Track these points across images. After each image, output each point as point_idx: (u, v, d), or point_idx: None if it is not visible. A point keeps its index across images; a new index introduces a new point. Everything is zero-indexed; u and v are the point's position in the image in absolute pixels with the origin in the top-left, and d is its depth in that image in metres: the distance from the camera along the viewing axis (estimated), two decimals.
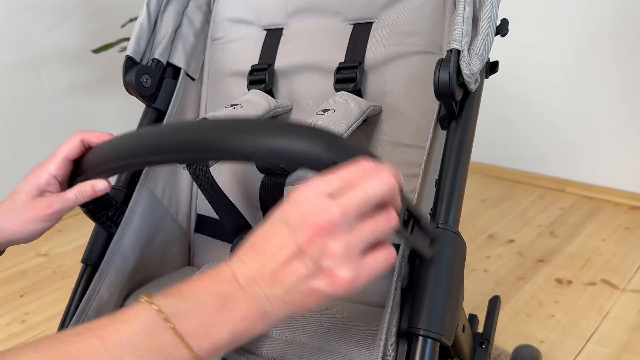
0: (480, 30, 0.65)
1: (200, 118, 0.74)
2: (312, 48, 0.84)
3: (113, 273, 0.78)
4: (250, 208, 0.85)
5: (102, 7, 2.06)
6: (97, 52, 1.73)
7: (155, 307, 0.43)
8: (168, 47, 0.88)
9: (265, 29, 0.89)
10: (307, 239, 0.43)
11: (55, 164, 0.67)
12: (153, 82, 0.86)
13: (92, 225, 0.82)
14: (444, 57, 0.65)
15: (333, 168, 0.45)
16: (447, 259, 0.61)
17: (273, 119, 0.87)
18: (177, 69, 0.90)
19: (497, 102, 2.18)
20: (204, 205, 0.91)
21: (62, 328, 0.77)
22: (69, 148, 0.67)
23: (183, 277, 0.74)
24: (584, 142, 2.03)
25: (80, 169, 0.68)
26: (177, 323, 0.42)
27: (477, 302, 1.53)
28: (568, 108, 2.03)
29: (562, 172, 2.09)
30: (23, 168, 2.17)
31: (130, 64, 0.84)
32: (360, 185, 0.44)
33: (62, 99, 2.04)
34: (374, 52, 0.80)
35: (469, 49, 0.64)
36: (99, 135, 0.67)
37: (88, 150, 0.67)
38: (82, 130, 0.68)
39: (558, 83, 2.03)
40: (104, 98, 2.15)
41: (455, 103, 0.67)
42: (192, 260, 0.95)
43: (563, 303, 1.50)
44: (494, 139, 2.23)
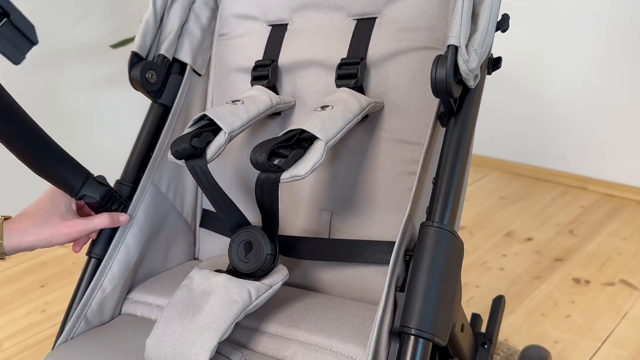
0: (480, 26, 0.64)
1: (200, 114, 0.74)
2: (315, 44, 0.84)
3: (116, 266, 0.80)
4: (250, 204, 0.85)
5: (122, 2, 2.09)
6: (115, 47, 1.76)
7: None
8: (174, 43, 0.89)
9: (271, 25, 0.89)
10: None
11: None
12: (158, 77, 0.86)
13: None
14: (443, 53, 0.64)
15: None
16: (441, 259, 0.61)
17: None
18: (183, 65, 0.91)
19: (518, 98, 2.14)
20: None
21: (66, 319, 0.78)
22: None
23: (187, 271, 0.75)
24: (607, 139, 1.98)
25: None
26: None
27: (491, 300, 1.51)
28: (591, 105, 1.98)
29: (583, 169, 2.04)
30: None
31: (136, 60, 0.85)
32: None
33: (83, 93, 2.08)
34: (377, 47, 0.79)
35: (468, 45, 0.63)
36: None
37: None
38: None
39: (581, 79, 1.98)
40: (125, 92, 2.17)
41: (454, 100, 0.66)
42: (197, 254, 0.96)
43: (580, 303, 1.47)
44: (515, 136, 2.20)
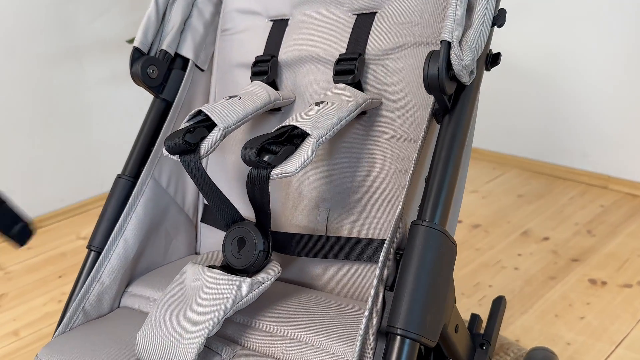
0: (475, 21, 0.62)
1: (196, 109, 0.74)
2: (315, 39, 0.83)
3: (115, 259, 0.80)
4: (243, 200, 0.85)
5: None
6: (131, 42, 1.77)
7: None
8: (176, 38, 0.89)
9: (272, 20, 0.89)
10: None
11: None
12: (160, 73, 0.87)
13: None
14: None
15: None
16: (430, 258, 0.60)
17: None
18: (185, 60, 0.91)
19: (539, 94, 2.10)
20: None
21: (65, 311, 0.80)
22: None
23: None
24: (630, 137, 1.92)
25: None
26: None
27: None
28: (613, 102, 1.93)
29: (605, 168, 1.99)
30: (67, 154, 2.25)
31: (138, 55, 0.85)
32: None
33: (104, 87, 2.11)
34: (376, 43, 0.78)
35: (461, 41, 0.61)
36: None
37: None
38: None
39: (604, 76, 1.93)
40: None
41: (449, 97, 0.65)
42: (198, 249, 0.96)
43: (595, 305, 1.44)
44: (535, 133, 2.16)
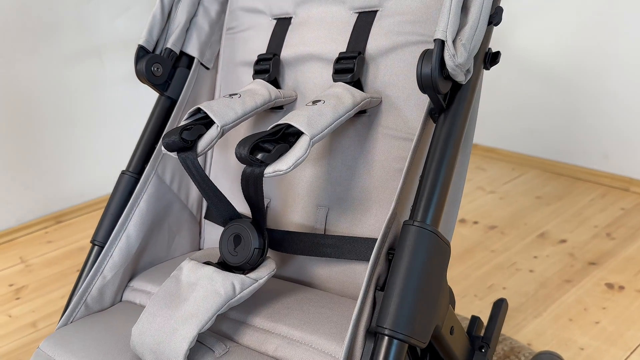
0: (470, 20, 0.62)
1: (195, 107, 0.75)
2: (316, 37, 0.83)
3: (117, 254, 0.82)
4: (241, 198, 0.85)
5: None
6: None
7: None
8: (182, 36, 0.90)
9: (276, 18, 0.89)
10: None
11: None
12: (165, 71, 0.88)
13: None
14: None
15: None
16: (421, 259, 0.59)
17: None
18: (191, 58, 0.92)
19: (560, 94, 2.06)
20: None
21: (68, 304, 0.81)
22: None
23: None
24: None
25: None
26: None
27: (518, 303, 1.46)
28: (635, 103, 1.89)
29: (626, 170, 1.94)
30: (88, 150, 2.28)
31: (142, 53, 0.87)
32: None
33: (124, 86, 2.14)
34: (376, 41, 0.78)
35: (455, 40, 0.61)
36: None
37: None
38: None
39: (625, 77, 1.89)
40: None
41: (444, 96, 0.64)
42: (202, 245, 0.97)
43: (611, 309, 1.40)
44: (555, 133, 2.12)
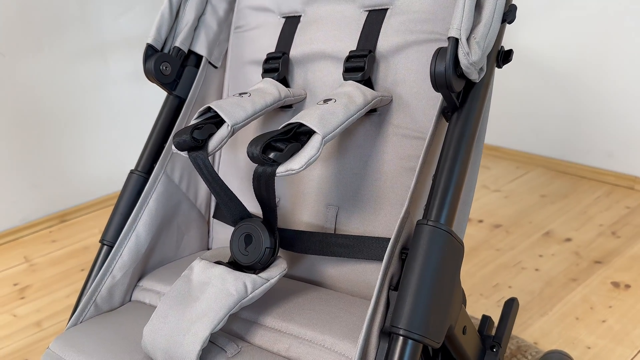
0: (484, 17, 0.61)
1: (205, 106, 0.75)
2: (326, 36, 0.83)
3: (126, 254, 0.81)
4: (251, 197, 0.85)
5: None
6: None
7: None
8: (190, 35, 0.90)
9: (284, 17, 0.89)
10: None
11: None
12: (173, 70, 0.87)
13: None
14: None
15: None
16: (435, 259, 0.59)
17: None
18: (199, 57, 0.92)
19: (564, 93, 2.06)
20: None
21: (77, 304, 0.81)
22: None
23: None
24: None
25: None
26: None
27: (524, 301, 1.46)
28: (639, 101, 1.88)
29: (631, 168, 1.94)
30: (92, 149, 2.28)
31: (151, 52, 0.86)
32: None
33: (128, 85, 2.14)
34: (386, 40, 0.77)
35: (469, 37, 0.60)
36: None
37: None
38: None
39: (630, 76, 1.88)
40: None
41: (458, 94, 0.64)
42: (210, 245, 0.97)
43: (617, 308, 1.40)
44: (560, 132, 2.12)
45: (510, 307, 0.86)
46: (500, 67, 0.70)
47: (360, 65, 0.76)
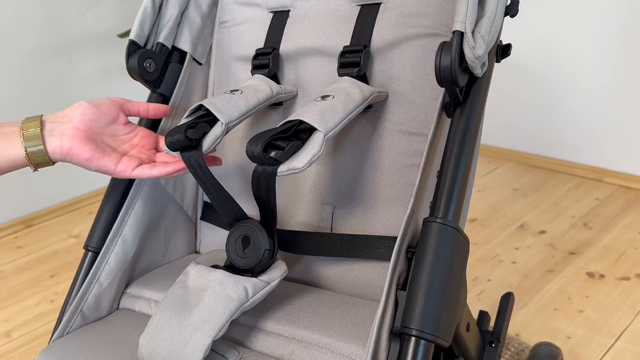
0: (487, 11, 0.61)
1: (197, 104, 0.72)
2: (318, 31, 0.81)
3: (113, 260, 0.78)
4: (250, 197, 0.83)
5: None
6: (122, 36, 1.74)
7: None
8: (173, 30, 0.86)
9: (272, 11, 0.86)
10: None
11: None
12: (157, 66, 0.84)
13: None
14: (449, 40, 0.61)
15: None
16: (444, 256, 0.58)
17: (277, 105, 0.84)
18: (183, 53, 0.89)
19: (533, 88, 2.10)
20: None
21: (62, 314, 0.77)
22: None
23: (187, 264, 0.73)
24: (623, 130, 1.93)
25: None
26: None
27: (502, 294, 1.48)
28: (607, 95, 1.93)
29: (599, 161, 1.99)
30: None
31: (134, 49, 0.83)
32: None
33: (94, 83, 2.07)
34: (381, 34, 0.76)
35: (474, 31, 0.60)
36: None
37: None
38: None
39: (597, 69, 1.93)
40: (135, 81, 2.16)
41: (460, 89, 0.63)
42: (198, 248, 0.94)
43: (593, 298, 1.43)
44: (530, 126, 2.15)
45: (507, 302, 0.87)
46: (499, 61, 0.69)
47: (356, 61, 0.74)
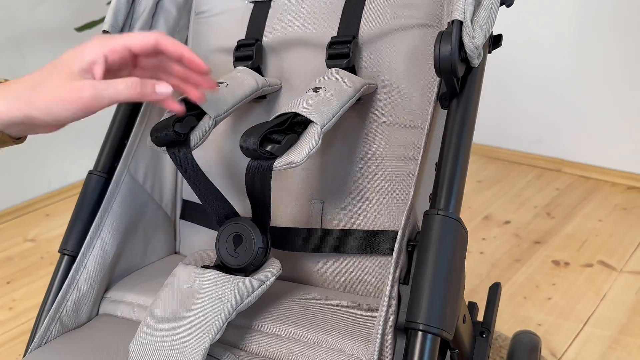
0: (484, 1, 0.60)
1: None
2: (302, 21, 0.79)
3: (92, 263, 0.74)
4: (237, 194, 0.80)
5: None
6: (80, 30, 1.66)
7: None
8: (148, 21, 0.83)
9: (252, 1, 0.83)
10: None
11: (111, 46, 0.57)
12: None
13: None
14: (445, 29, 0.60)
15: None
16: (447, 249, 0.57)
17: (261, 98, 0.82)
18: None
19: (493, 81, 2.13)
20: (190, 191, 0.86)
21: (38, 321, 0.72)
22: (140, 39, 0.59)
23: (168, 266, 0.70)
24: (581, 121, 1.99)
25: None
26: None
27: (473, 284, 1.50)
28: (565, 87, 1.99)
29: (558, 152, 2.05)
30: (9, 151, 2.10)
31: None
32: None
33: None
34: (369, 25, 0.74)
35: (472, 21, 0.59)
36: (177, 48, 0.61)
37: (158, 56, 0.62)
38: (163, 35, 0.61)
39: (555, 62, 1.98)
40: None
41: (457, 79, 0.62)
42: (178, 248, 0.90)
43: (560, 285, 1.47)
44: (490, 119, 2.19)
45: (495, 292, 0.87)
46: (490, 52, 0.69)
47: (345, 52, 0.72)
